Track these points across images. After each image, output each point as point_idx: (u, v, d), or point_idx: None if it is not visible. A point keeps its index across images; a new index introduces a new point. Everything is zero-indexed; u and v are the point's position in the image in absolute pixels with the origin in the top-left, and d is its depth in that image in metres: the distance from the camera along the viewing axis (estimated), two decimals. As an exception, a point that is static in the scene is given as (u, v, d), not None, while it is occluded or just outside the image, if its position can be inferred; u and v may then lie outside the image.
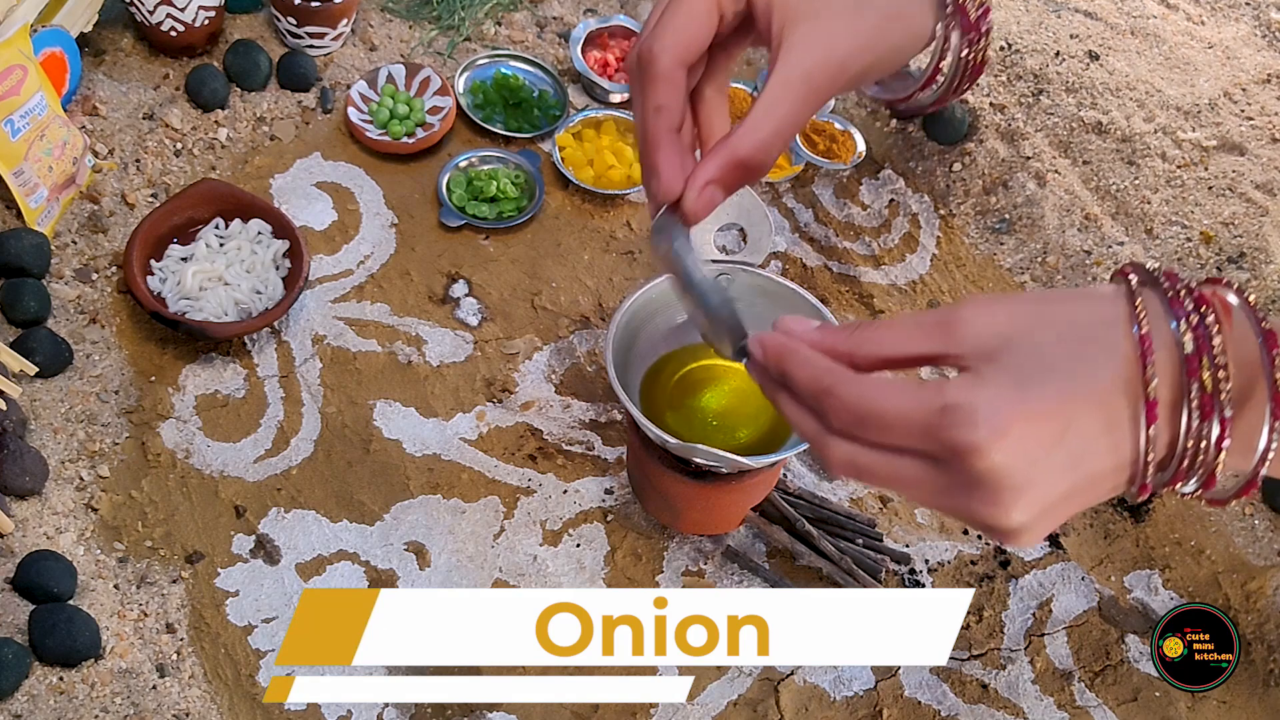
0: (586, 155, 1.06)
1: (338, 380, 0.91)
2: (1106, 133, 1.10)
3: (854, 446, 0.44)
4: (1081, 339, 0.43)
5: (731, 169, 0.54)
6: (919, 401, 0.42)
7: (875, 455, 0.44)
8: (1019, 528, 0.42)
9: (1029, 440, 0.41)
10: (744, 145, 0.54)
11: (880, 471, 0.44)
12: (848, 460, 0.45)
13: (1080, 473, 0.42)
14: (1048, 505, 0.42)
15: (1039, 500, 0.42)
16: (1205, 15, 1.26)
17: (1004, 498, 0.41)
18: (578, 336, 0.97)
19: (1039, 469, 0.41)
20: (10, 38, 0.84)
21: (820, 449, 0.46)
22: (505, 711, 0.77)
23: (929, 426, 0.42)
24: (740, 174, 0.55)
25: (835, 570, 0.85)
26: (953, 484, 0.42)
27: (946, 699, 0.81)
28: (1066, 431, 0.41)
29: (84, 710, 0.70)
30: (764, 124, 0.54)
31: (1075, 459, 0.42)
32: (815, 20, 0.54)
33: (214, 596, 0.79)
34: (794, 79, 0.54)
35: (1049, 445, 0.41)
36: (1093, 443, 0.42)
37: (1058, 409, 0.41)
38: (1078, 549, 0.90)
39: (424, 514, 0.85)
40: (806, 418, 0.46)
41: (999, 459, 0.40)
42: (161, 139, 1.00)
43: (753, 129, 0.54)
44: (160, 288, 0.90)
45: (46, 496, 0.79)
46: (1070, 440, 0.41)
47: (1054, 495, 0.42)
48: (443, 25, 1.16)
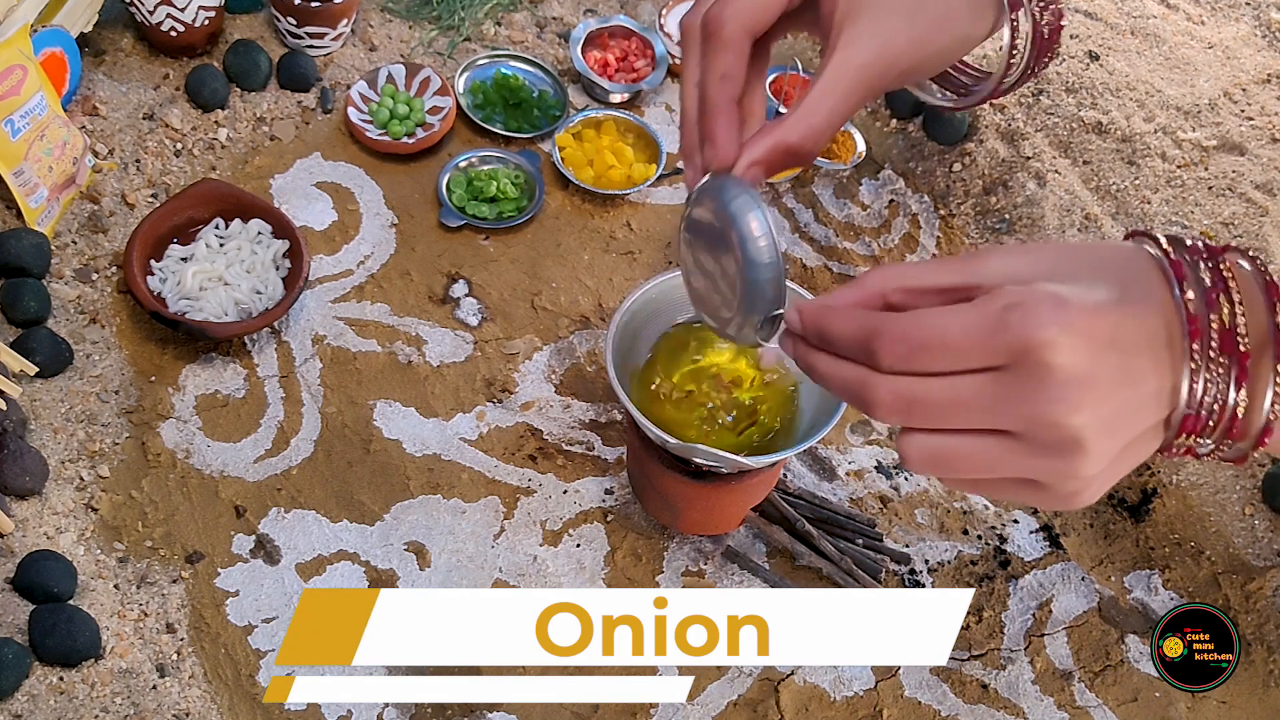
0: (586, 155, 1.06)
1: (338, 380, 0.91)
2: (1106, 133, 1.10)
3: (907, 380, 0.43)
4: (1109, 264, 0.44)
5: (779, 152, 0.54)
6: (978, 311, 0.42)
7: (930, 383, 0.43)
8: (1080, 432, 0.41)
9: (1089, 341, 0.41)
10: (795, 131, 0.54)
11: (937, 397, 0.43)
12: (901, 395, 0.44)
13: (1132, 387, 0.42)
14: (1107, 413, 0.42)
15: (1100, 403, 0.41)
16: (1205, 15, 1.26)
17: (1069, 395, 0.41)
18: (578, 336, 0.97)
19: (1099, 367, 0.41)
20: (10, 38, 0.84)
21: (868, 394, 0.45)
22: (505, 711, 0.77)
23: (993, 329, 0.41)
24: (786, 159, 0.55)
25: (835, 570, 0.85)
26: (1017, 390, 0.41)
27: (946, 699, 0.81)
28: (1118, 340, 0.41)
29: (84, 710, 0.70)
30: (816, 112, 0.54)
31: (1126, 368, 0.41)
32: (875, 16, 0.55)
33: (214, 596, 0.79)
34: (848, 72, 0.54)
35: (1104, 345, 0.41)
36: (1141, 357, 0.42)
37: (1109, 319, 0.41)
38: (1078, 549, 0.90)
39: (424, 514, 0.85)
40: (849, 369, 0.46)
41: (1067, 355, 0.40)
42: (161, 139, 1.00)
43: (805, 116, 0.54)
44: (160, 288, 0.90)
45: (46, 496, 0.79)
46: (1122, 349, 0.41)
47: (1113, 403, 0.41)
48: (443, 25, 1.16)
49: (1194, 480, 0.93)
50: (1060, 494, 0.44)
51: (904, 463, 0.46)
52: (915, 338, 0.43)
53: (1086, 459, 0.42)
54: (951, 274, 0.45)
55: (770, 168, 0.55)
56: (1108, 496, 0.93)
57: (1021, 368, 0.41)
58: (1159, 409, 0.43)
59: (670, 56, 1.14)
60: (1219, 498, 0.92)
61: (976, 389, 0.42)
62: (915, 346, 0.43)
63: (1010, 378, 0.42)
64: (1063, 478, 0.43)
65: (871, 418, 0.45)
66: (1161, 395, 0.43)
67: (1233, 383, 0.42)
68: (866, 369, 0.45)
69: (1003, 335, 0.41)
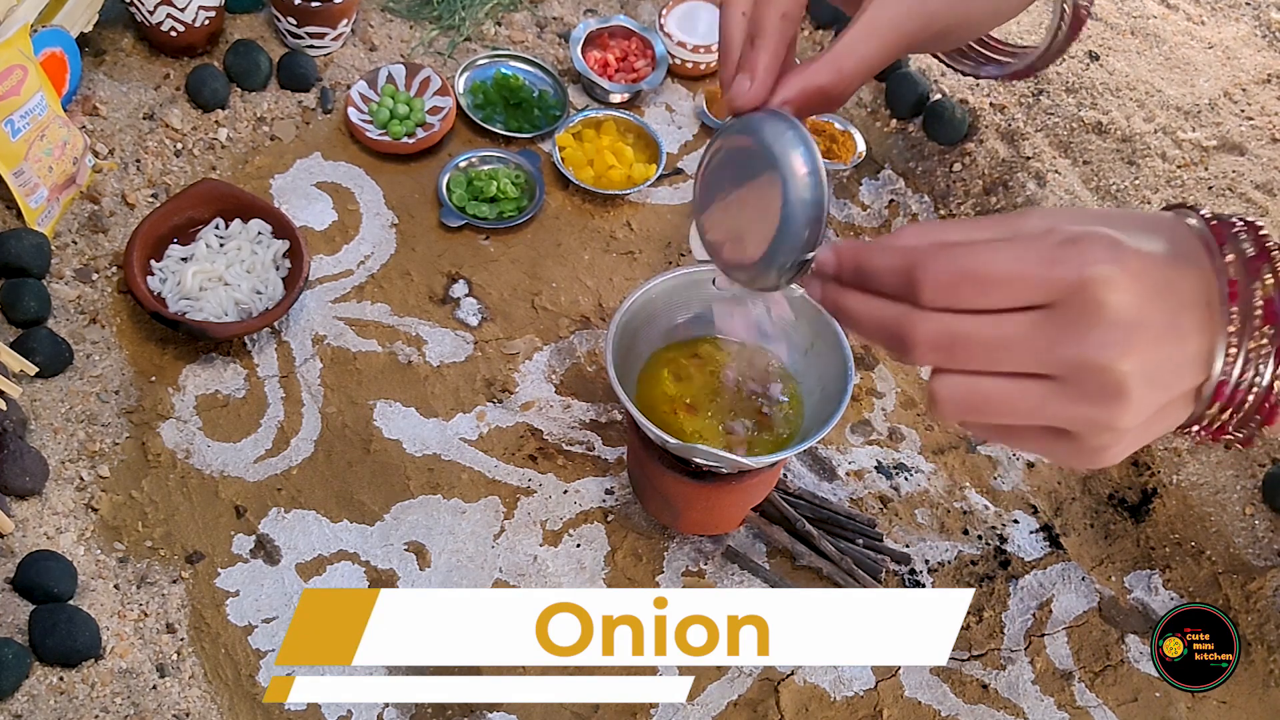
0: (586, 155, 1.06)
1: (338, 380, 0.91)
2: (1106, 133, 1.10)
3: (949, 317, 0.42)
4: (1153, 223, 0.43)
5: (810, 94, 0.53)
6: (1031, 244, 0.41)
7: (974, 320, 0.41)
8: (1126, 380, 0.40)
9: (1142, 285, 0.40)
10: (825, 74, 0.53)
11: (982, 334, 0.41)
12: (943, 332, 0.42)
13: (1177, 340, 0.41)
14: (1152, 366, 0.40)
15: (1148, 351, 0.40)
16: (1205, 15, 1.26)
17: (1120, 337, 0.40)
18: (578, 336, 0.97)
19: (1150, 313, 0.40)
20: (10, 38, 0.84)
21: (907, 332, 0.43)
22: (505, 711, 0.77)
23: (1047, 262, 0.40)
24: (816, 101, 0.53)
25: (835, 570, 0.85)
26: (1067, 329, 0.40)
27: (946, 699, 0.81)
28: (1167, 291, 0.40)
29: (84, 710, 0.70)
30: (848, 58, 0.53)
31: (1173, 320, 0.41)
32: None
33: (214, 596, 0.79)
34: (883, 21, 0.53)
35: (1156, 295, 0.40)
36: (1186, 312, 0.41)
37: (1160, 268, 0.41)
38: (1078, 549, 0.90)
39: (424, 514, 0.85)
40: (887, 307, 0.44)
41: (1121, 294, 0.39)
42: (161, 139, 1.00)
43: (836, 59, 0.53)
44: (160, 288, 0.90)
45: (46, 496, 0.79)
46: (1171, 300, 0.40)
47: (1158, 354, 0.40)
48: (443, 25, 1.16)
49: (1194, 480, 0.93)
50: (1089, 448, 0.43)
51: (933, 406, 0.43)
52: (963, 266, 0.41)
53: (1127, 409, 0.41)
54: (991, 229, 0.43)
55: (800, 109, 0.53)
56: (1107, 496, 0.93)
57: (1073, 305, 0.40)
58: (1196, 373, 0.42)
59: (670, 56, 1.14)
60: (1219, 498, 0.92)
61: (1023, 327, 0.41)
62: (962, 276, 0.41)
63: (1060, 316, 0.40)
64: (1098, 428, 0.42)
65: (906, 360, 0.43)
66: (1200, 359, 0.42)
67: (1274, 355, 0.41)
68: (906, 306, 0.43)
69: (1056, 269, 0.40)
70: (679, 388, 0.78)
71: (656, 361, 0.80)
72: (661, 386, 0.78)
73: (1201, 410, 0.43)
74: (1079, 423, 0.42)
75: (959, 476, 0.93)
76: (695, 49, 1.13)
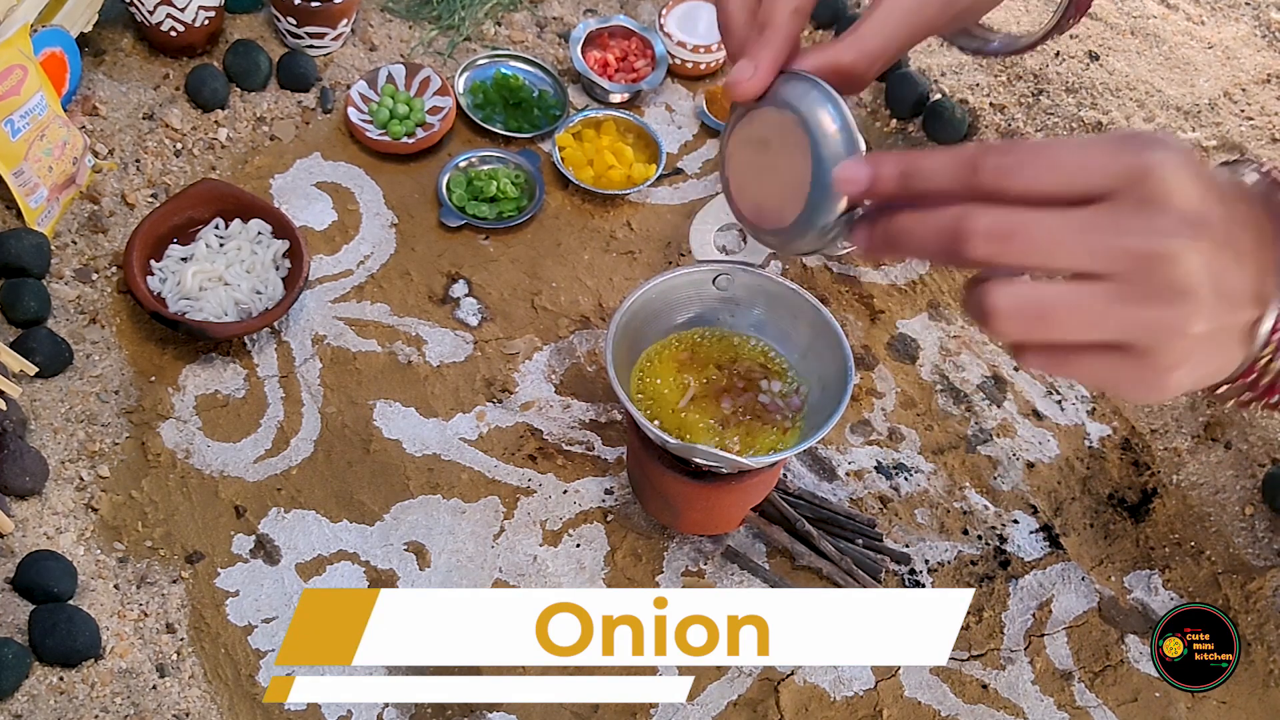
0: (586, 155, 1.06)
1: (338, 380, 0.91)
2: (1106, 133, 1.10)
3: (1009, 209, 0.40)
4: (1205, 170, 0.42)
5: (832, 71, 0.52)
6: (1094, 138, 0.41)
7: (1035, 211, 0.40)
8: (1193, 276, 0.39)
9: (1202, 183, 0.39)
10: (849, 53, 0.52)
11: (1042, 225, 0.40)
12: (1001, 222, 0.40)
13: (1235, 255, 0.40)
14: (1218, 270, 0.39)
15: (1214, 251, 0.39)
16: (1205, 15, 1.26)
17: (1188, 226, 0.39)
18: (578, 336, 0.97)
19: (1215, 211, 0.39)
20: (10, 38, 0.84)
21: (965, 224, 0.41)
22: (505, 711, 0.77)
23: (1112, 150, 0.40)
24: (837, 80, 0.52)
25: (835, 570, 0.85)
26: (1133, 215, 0.39)
27: (946, 699, 0.81)
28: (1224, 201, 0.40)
29: (84, 710, 0.70)
30: (870, 38, 0.52)
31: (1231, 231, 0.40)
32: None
33: (214, 596, 0.79)
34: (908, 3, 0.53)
35: (1216, 199, 0.40)
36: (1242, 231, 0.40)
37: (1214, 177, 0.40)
38: (1078, 549, 0.90)
39: (424, 514, 0.85)
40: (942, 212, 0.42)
41: (1186, 182, 0.39)
42: (161, 139, 1.00)
43: (860, 40, 0.52)
44: (160, 288, 0.90)
45: (46, 496, 0.79)
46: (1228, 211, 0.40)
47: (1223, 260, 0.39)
48: (443, 25, 1.16)
49: (1194, 480, 0.93)
50: (1154, 365, 0.41)
51: (989, 320, 0.41)
52: (1023, 154, 0.41)
53: (1197, 310, 0.40)
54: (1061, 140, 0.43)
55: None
56: (1107, 496, 0.93)
57: (1137, 192, 0.39)
58: (1252, 304, 0.41)
59: (670, 56, 1.14)
60: (1219, 498, 0.92)
61: (1086, 216, 0.40)
62: (1024, 159, 0.40)
63: (1124, 204, 0.40)
64: (1167, 333, 0.40)
65: (963, 261, 0.41)
66: (1256, 288, 0.41)
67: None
68: (956, 211, 0.41)
69: (1121, 155, 0.39)
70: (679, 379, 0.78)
71: (656, 359, 0.80)
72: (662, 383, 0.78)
73: (1257, 350, 0.42)
74: (1147, 328, 0.40)
75: (959, 476, 0.93)
76: (695, 49, 1.13)
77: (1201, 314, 0.40)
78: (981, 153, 0.42)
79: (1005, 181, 0.41)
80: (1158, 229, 0.39)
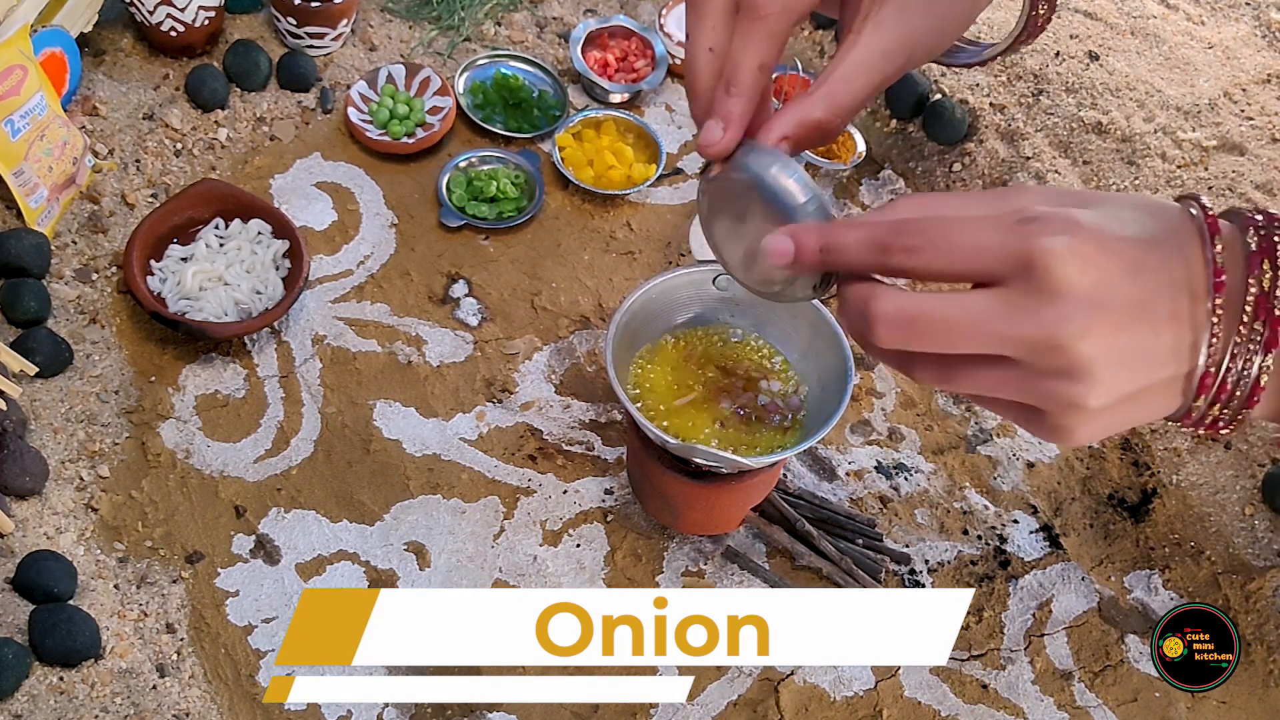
0: (586, 155, 1.06)
1: (338, 380, 0.91)
2: (1106, 133, 1.10)
3: (911, 296, 0.43)
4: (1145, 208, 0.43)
5: (806, 128, 0.53)
6: (995, 219, 0.41)
7: (934, 297, 0.42)
8: (1089, 360, 0.40)
9: (1104, 261, 0.40)
10: (821, 108, 0.53)
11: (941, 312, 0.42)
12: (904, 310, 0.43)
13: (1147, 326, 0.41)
14: (1116, 347, 0.40)
15: (1113, 332, 0.40)
16: (1205, 15, 1.26)
17: (1077, 313, 0.40)
18: (578, 336, 0.97)
19: (1112, 295, 0.40)
20: (10, 38, 0.84)
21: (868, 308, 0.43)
22: (505, 711, 0.77)
23: (1005, 236, 0.41)
24: (813, 136, 0.54)
25: (835, 570, 0.85)
26: (1023, 304, 0.40)
27: (946, 699, 0.81)
28: (1137, 271, 0.40)
29: (84, 710, 0.70)
30: (843, 93, 0.53)
31: (1142, 303, 0.40)
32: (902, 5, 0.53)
33: (214, 596, 0.79)
34: (875, 54, 0.53)
35: (1122, 273, 0.40)
36: (1160, 298, 0.41)
37: (1130, 248, 0.40)
38: (1078, 549, 0.90)
39: (424, 514, 0.85)
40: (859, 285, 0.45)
41: (1077, 269, 0.39)
42: (161, 139, 1.00)
43: (831, 94, 0.53)
44: (160, 288, 0.90)
45: (46, 496, 0.79)
46: (1140, 281, 0.40)
47: (1123, 338, 0.40)
48: (443, 25, 1.16)
49: (1194, 480, 0.93)
50: (1058, 425, 0.43)
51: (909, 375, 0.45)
52: (928, 232, 0.42)
53: (1093, 388, 0.41)
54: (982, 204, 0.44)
55: (797, 144, 0.54)
56: (1107, 496, 0.93)
57: (1028, 280, 0.40)
58: (1177, 363, 0.42)
59: (670, 56, 1.14)
60: (1219, 498, 0.92)
61: (982, 303, 0.41)
62: (925, 243, 0.42)
63: (1015, 292, 0.41)
64: (1063, 407, 0.42)
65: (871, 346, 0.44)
66: (1180, 350, 0.42)
67: (1260, 348, 0.41)
68: (874, 283, 0.44)
69: (1014, 243, 0.40)
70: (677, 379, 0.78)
71: (656, 359, 0.80)
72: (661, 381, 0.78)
73: (1190, 400, 0.43)
74: (1044, 401, 0.42)
75: (959, 476, 0.93)
76: (695, 49, 1.13)
77: (1098, 390, 0.41)
78: (891, 231, 0.43)
79: (910, 263, 0.43)
80: (1045, 321, 0.40)
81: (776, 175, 0.50)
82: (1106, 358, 0.40)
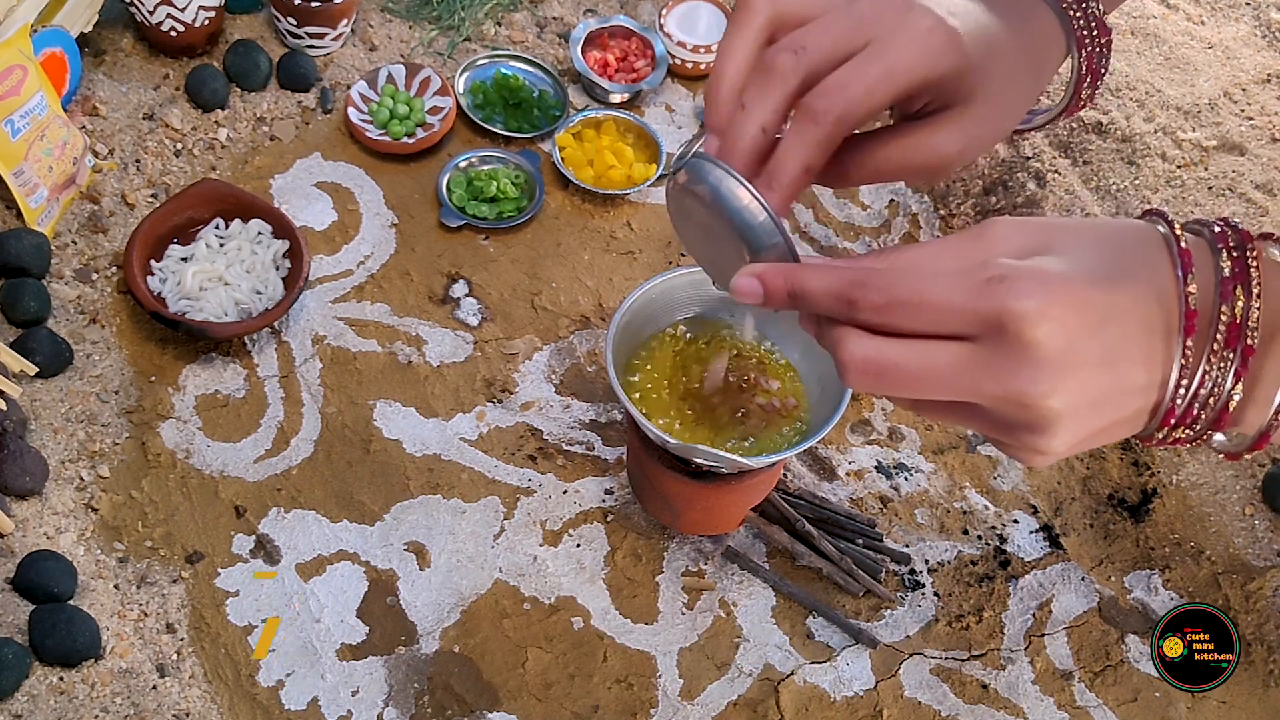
0: (586, 155, 1.06)
1: (338, 380, 0.91)
2: (1106, 133, 1.10)
3: (879, 342, 0.43)
4: (1118, 246, 0.43)
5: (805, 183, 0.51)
6: (963, 277, 0.41)
7: (905, 345, 0.42)
8: (1054, 416, 0.41)
9: (1073, 319, 0.40)
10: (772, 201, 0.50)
11: (911, 362, 0.42)
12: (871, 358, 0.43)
13: (1115, 374, 0.41)
14: (1084, 399, 0.41)
15: (1081, 388, 0.40)
16: (1205, 15, 1.26)
17: (1045, 375, 0.40)
18: (578, 336, 0.97)
19: (1081, 352, 0.40)
20: (10, 38, 0.84)
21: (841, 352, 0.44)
22: (505, 711, 0.77)
23: (974, 296, 0.41)
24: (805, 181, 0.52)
25: (835, 570, 0.85)
26: (992, 363, 0.41)
27: (947, 699, 0.81)
28: (1106, 322, 0.40)
29: (84, 710, 0.70)
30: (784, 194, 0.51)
31: (1111, 353, 0.41)
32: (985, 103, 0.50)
33: (214, 596, 0.79)
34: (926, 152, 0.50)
35: (1091, 329, 0.40)
36: (1129, 343, 0.41)
37: (1099, 298, 0.40)
38: (1078, 549, 0.90)
39: (424, 514, 0.85)
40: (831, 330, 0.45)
41: (1046, 331, 0.39)
42: (161, 139, 1.00)
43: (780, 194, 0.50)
44: (160, 288, 0.90)
45: (46, 496, 0.79)
46: (1109, 332, 0.41)
47: (1091, 389, 0.41)
48: (443, 25, 1.16)
49: (1194, 480, 0.93)
50: (1022, 458, 0.44)
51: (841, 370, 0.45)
52: (895, 289, 0.42)
53: (1056, 436, 0.42)
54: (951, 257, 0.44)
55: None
56: (1107, 496, 0.93)
57: (998, 341, 0.40)
58: (1145, 397, 0.43)
59: (670, 56, 1.14)
60: (1219, 498, 0.92)
61: (950, 358, 0.41)
62: (894, 299, 0.42)
63: (986, 351, 0.41)
64: (1028, 450, 0.43)
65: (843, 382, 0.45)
66: (1150, 386, 0.42)
67: (1230, 376, 0.42)
68: (845, 327, 0.44)
69: (982, 304, 0.40)
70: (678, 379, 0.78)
71: (656, 359, 0.80)
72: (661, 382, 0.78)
73: (1153, 429, 0.44)
74: (1010, 442, 0.44)
75: (959, 476, 0.93)
76: (695, 49, 1.13)
77: (1064, 436, 0.42)
78: (856, 285, 0.43)
79: (878, 320, 0.43)
80: (1015, 381, 0.40)
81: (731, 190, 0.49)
82: (1074, 409, 0.41)
